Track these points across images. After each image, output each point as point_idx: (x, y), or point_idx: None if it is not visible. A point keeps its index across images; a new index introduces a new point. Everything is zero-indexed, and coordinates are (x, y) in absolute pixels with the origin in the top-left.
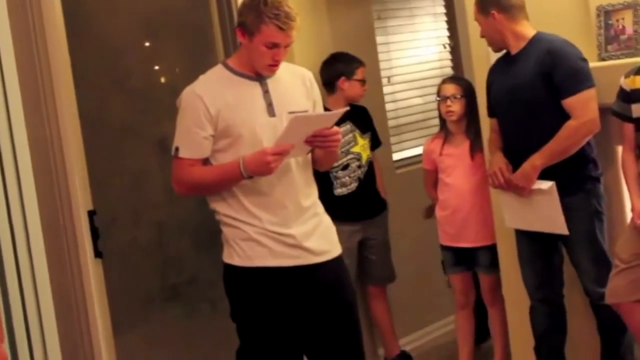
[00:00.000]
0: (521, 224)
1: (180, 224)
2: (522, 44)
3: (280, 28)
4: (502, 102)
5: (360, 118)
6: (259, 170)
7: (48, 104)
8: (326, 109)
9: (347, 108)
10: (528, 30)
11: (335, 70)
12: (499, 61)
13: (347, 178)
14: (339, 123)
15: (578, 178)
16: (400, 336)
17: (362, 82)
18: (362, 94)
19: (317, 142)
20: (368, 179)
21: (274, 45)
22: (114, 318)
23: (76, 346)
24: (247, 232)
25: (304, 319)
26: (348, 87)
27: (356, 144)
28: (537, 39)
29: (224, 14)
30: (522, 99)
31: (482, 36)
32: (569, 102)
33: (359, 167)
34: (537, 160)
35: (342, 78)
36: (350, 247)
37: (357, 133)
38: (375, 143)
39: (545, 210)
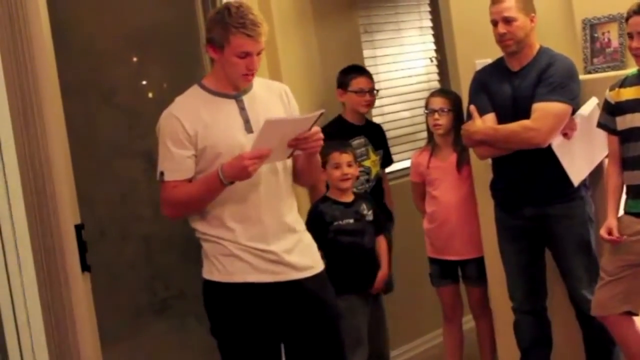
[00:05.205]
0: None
1: (167, 237)
2: (530, 56)
3: (248, 35)
4: (506, 113)
5: (375, 135)
6: (237, 175)
7: (36, 119)
8: (345, 122)
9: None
10: (537, 43)
11: (337, 82)
12: (493, 69)
13: (354, 189)
14: (353, 136)
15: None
16: (392, 348)
17: (360, 92)
18: (363, 104)
19: (300, 144)
20: (375, 195)
21: (246, 54)
22: (102, 332)
23: None
24: (227, 248)
25: (286, 335)
26: (346, 99)
27: (368, 158)
28: (541, 53)
29: None
30: (526, 110)
31: (505, 34)
32: (535, 106)
33: (367, 181)
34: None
35: (339, 90)
36: None
37: (370, 148)
38: (387, 161)
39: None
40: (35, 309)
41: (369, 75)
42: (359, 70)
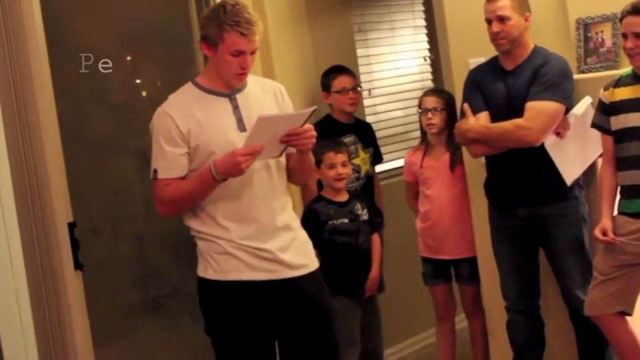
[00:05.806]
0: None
1: (160, 236)
2: (524, 55)
3: (242, 34)
4: (500, 111)
5: (364, 133)
6: (230, 171)
7: (28, 117)
8: (334, 122)
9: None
10: (531, 42)
11: (321, 86)
12: (488, 68)
13: (346, 188)
14: (342, 134)
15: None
16: (384, 347)
17: (343, 91)
18: (349, 103)
19: (292, 141)
20: (365, 193)
21: (240, 53)
22: (94, 331)
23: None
24: (221, 246)
25: (280, 334)
26: (332, 101)
27: (357, 156)
28: (536, 52)
29: None
30: (520, 108)
31: (499, 33)
32: (528, 105)
33: (357, 179)
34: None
35: (324, 93)
36: None
37: (359, 146)
38: (376, 159)
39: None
40: (27, 307)
41: (350, 73)
42: (339, 69)
